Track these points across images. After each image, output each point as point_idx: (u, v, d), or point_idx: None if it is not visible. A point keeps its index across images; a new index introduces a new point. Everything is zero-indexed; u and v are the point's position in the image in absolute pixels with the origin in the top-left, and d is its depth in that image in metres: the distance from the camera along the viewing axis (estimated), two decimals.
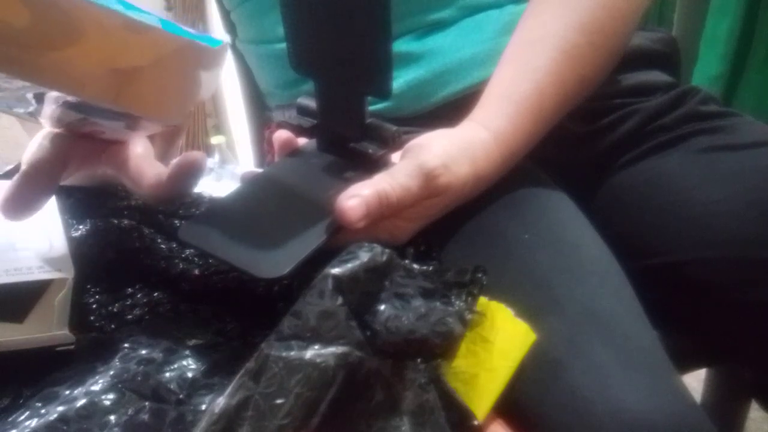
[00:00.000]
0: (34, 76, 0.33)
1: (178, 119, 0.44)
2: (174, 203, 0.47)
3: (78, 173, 0.44)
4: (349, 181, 0.41)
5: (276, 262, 0.37)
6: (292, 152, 0.47)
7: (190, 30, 0.39)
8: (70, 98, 0.36)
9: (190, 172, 0.40)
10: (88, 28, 0.33)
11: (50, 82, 0.34)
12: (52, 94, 0.36)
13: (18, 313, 0.35)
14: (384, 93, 0.41)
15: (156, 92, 0.39)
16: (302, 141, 0.48)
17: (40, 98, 0.37)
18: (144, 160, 0.42)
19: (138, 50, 0.36)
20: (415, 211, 0.42)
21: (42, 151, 0.40)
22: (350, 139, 0.44)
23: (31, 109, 0.38)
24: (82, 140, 0.42)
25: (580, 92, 0.50)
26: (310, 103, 0.46)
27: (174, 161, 0.40)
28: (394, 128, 0.44)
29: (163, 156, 0.46)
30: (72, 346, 0.36)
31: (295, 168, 0.46)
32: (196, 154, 0.40)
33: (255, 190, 0.44)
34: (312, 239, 0.39)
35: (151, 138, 0.45)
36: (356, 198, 0.38)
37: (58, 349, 0.36)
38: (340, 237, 0.39)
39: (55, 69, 0.33)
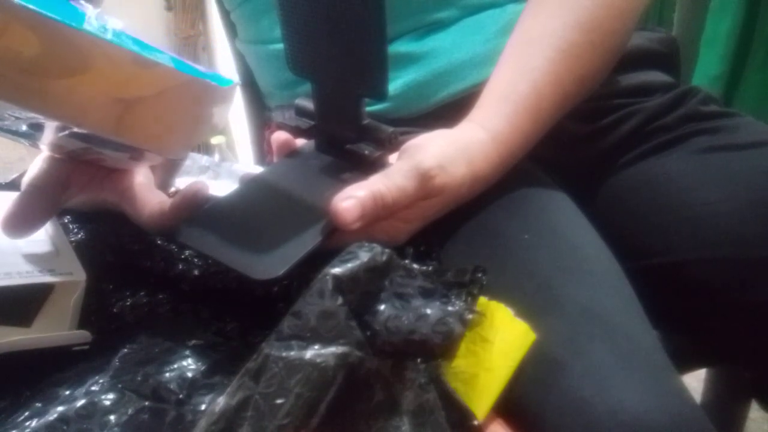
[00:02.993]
0: (37, 103, 0.33)
1: (181, 153, 0.43)
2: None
3: (79, 198, 0.44)
4: (345, 183, 0.41)
5: (270, 264, 0.37)
6: (290, 153, 0.47)
7: (201, 68, 0.39)
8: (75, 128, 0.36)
9: (193, 203, 0.40)
10: (97, 59, 0.33)
11: (53, 110, 0.34)
12: (54, 123, 0.36)
13: (24, 317, 0.35)
14: (380, 94, 0.41)
15: (158, 124, 0.39)
16: (300, 142, 0.48)
17: (37, 127, 0.37)
18: (145, 189, 0.42)
19: (144, 81, 0.36)
20: (412, 212, 0.42)
21: (42, 174, 0.41)
22: (347, 140, 0.44)
23: (23, 129, 0.38)
24: (83, 165, 0.42)
25: (579, 91, 0.50)
26: (308, 104, 0.46)
27: (179, 192, 0.40)
28: (391, 129, 0.44)
29: (164, 184, 0.46)
30: (87, 346, 0.36)
31: (293, 169, 0.46)
32: (198, 185, 0.40)
33: (252, 192, 0.44)
34: (307, 241, 0.39)
35: (152, 166, 0.45)
36: (351, 199, 0.38)
37: (74, 348, 0.36)
38: (337, 238, 0.39)
39: (59, 96, 0.33)
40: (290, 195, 0.43)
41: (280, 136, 0.47)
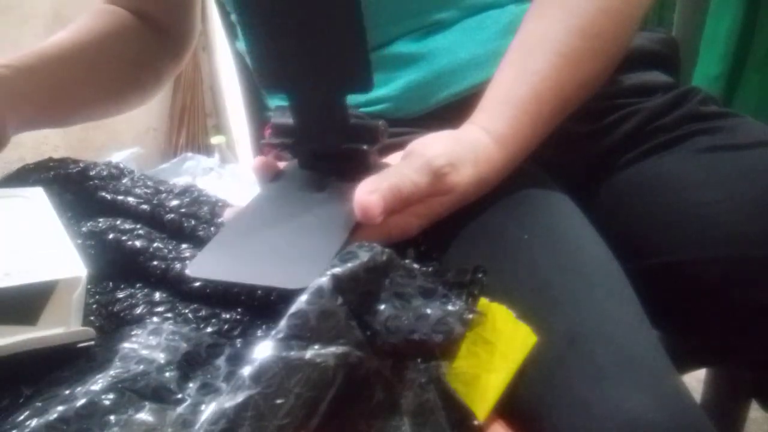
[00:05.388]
0: None
1: None
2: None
3: None
4: (345, 185, 0.40)
5: (303, 272, 0.36)
6: (276, 176, 0.46)
7: None
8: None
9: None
10: None
11: None
12: None
13: (29, 315, 0.35)
14: (366, 85, 0.39)
15: None
16: (282, 164, 0.47)
17: None
18: None
19: None
20: (425, 207, 0.43)
21: None
22: (335, 144, 0.43)
23: None
24: None
25: (579, 96, 0.50)
26: (286, 120, 0.44)
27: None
28: (380, 121, 0.43)
29: None
30: (92, 342, 0.36)
31: (286, 188, 0.45)
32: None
33: (253, 217, 0.42)
34: (333, 241, 0.38)
35: None
36: (375, 192, 0.38)
37: (79, 345, 0.36)
38: (356, 236, 0.39)
39: None
40: (294, 209, 0.42)
41: (258, 162, 0.46)
